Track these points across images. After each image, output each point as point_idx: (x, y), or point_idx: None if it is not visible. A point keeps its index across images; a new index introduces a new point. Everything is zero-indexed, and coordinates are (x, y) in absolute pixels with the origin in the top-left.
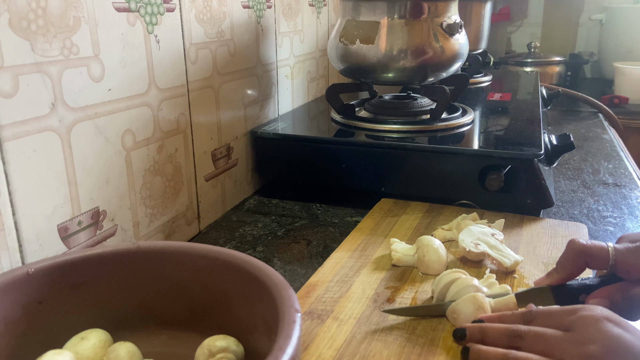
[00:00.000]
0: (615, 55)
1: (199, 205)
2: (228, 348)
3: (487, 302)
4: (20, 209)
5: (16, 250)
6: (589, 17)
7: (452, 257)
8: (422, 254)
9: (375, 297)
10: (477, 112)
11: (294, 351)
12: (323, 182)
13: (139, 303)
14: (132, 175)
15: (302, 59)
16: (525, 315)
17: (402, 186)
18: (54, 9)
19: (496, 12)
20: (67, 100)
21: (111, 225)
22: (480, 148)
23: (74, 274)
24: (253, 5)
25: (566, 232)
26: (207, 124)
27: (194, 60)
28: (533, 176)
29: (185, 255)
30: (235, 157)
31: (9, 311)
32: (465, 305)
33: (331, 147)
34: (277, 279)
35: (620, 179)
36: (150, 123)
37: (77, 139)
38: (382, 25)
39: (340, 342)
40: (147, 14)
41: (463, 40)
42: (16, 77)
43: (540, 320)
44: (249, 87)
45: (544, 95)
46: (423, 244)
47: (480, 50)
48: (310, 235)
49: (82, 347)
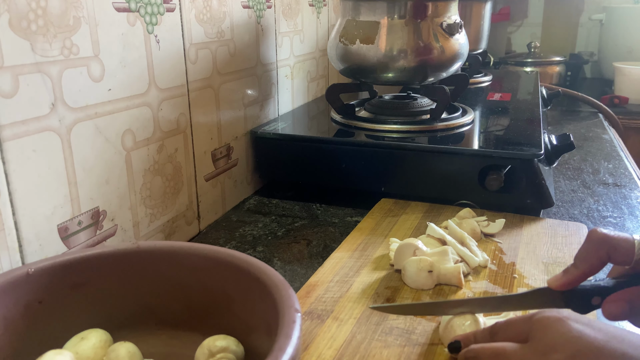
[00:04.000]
0: (615, 55)
1: (199, 205)
2: (228, 348)
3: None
4: (20, 209)
5: (16, 250)
6: (589, 17)
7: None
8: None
9: (375, 297)
10: (477, 112)
11: (294, 351)
12: (323, 182)
13: (139, 303)
14: (132, 175)
15: (302, 59)
16: (492, 329)
17: (402, 186)
18: (54, 9)
19: (496, 12)
20: (67, 100)
21: (111, 225)
22: (480, 148)
23: (74, 274)
24: (253, 5)
25: (566, 232)
26: (207, 124)
27: (194, 60)
28: (533, 176)
29: (185, 255)
30: (235, 157)
31: (9, 311)
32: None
33: (331, 147)
34: (277, 279)
35: (620, 179)
36: (150, 123)
37: (77, 139)
38: (382, 25)
39: (340, 342)
40: (147, 14)
41: (463, 40)
42: (16, 77)
43: (501, 333)
44: (249, 87)
45: (544, 95)
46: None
47: (480, 50)
48: (310, 235)
49: (82, 347)
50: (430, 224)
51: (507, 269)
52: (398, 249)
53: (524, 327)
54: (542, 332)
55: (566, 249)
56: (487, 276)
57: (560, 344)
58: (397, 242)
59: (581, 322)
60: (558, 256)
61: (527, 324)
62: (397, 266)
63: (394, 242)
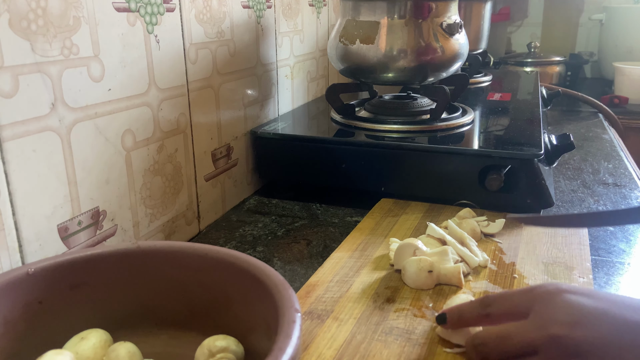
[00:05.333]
0: (615, 55)
1: (199, 205)
2: (228, 348)
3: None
4: (20, 209)
5: (16, 250)
6: (589, 17)
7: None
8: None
9: (375, 297)
10: (477, 112)
11: (294, 351)
12: (323, 182)
13: (139, 303)
14: (132, 175)
15: (302, 59)
16: (483, 302)
17: (402, 186)
18: (54, 9)
19: (496, 12)
20: (67, 100)
21: (111, 225)
22: (480, 148)
23: (74, 274)
24: (253, 5)
25: (566, 232)
26: (207, 124)
27: (194, 60)
28: (533, 176)
29: (185, 255)
30: (235, 157)
31: (9, 311)
32: (410, 265)
33: (331, 147)
34: (277, 279)
35: (620, 179)
36: (150, 123)
37: (77, 139)
38: (382, 25)
39: (340, 342)
40: (147, 14)
41: (463, 40)
42: (16, 77)
43: (496, 305)
44: (249, 87)
45: (544, 95)
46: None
47: (480, 50)
48: (310, 235)
49: (82, 347)
50: (430, 224)
51: (507, 269)
52: (398, 249)
53: (524, 301)
54: (544, 305)
55: (566, 249)
56: (487, 276)
57: (560, 316)
58: (397, 242)
59: (580, 293)
60: (558, 256)
61: (528, 297)
62: (397, 266)
63: (394, 242)
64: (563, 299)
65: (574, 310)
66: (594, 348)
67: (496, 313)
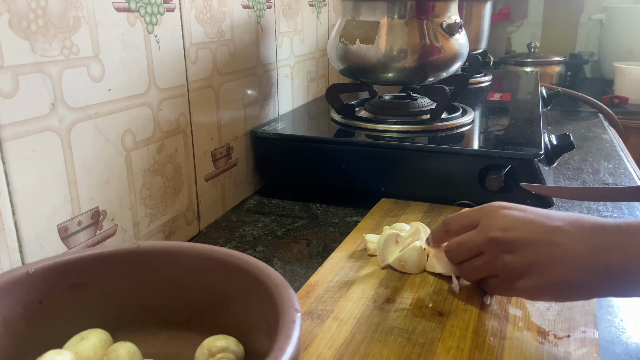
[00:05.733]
0: (615, 55)
1: (199, 205)
2: (228, 348)
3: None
4: (20, 209)
5: (16, 250)
6: (589, 17)
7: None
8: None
9: (375, 297)
10: (477, 112)
11: (294, 351)
12: (323, 182)
13: (139, 303)
14: (132, 175)
15: (302, 59)
16: (444, 222)
17: (402, 186)
18: (54, 9)
19: (496, 12)
20: (67, 100)
21: (111, 225)
22: (480, 148)
23: (74, 274)
24: (253, 5)
25: None
26: (207, 124)
27: (194, 60)
28: (533, 176)
29: (185, 255)
30: (235, 157)
31: (9, 311)
32: (410, 254)
33: (331, 147)
34: (277, 279)
35: (620, 179)
36: (150, 123)
37: (77, 139)
38: (382, 25)
39: (340, 342)
40: (147, 14)
41: (463, 40)
42: (16, 77)
43: (453, 223)
44: (249, 87)
45: (544, 95)
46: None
47: (480, 50)
48: (310, 235)
49: (82, 347)
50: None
51: None
52: (382, 244)
53: (475, 216)
54: (487, 218)
55: None
56: None
57: (497, 224)
58: (373, 237)
59: (517, 209)
60: None
61: (476, 214)
62: (384, 262)
63: (370, 240)
64: (501, 212)
65: (507, 219)
66: (521, 244)
67: (453, 228)
